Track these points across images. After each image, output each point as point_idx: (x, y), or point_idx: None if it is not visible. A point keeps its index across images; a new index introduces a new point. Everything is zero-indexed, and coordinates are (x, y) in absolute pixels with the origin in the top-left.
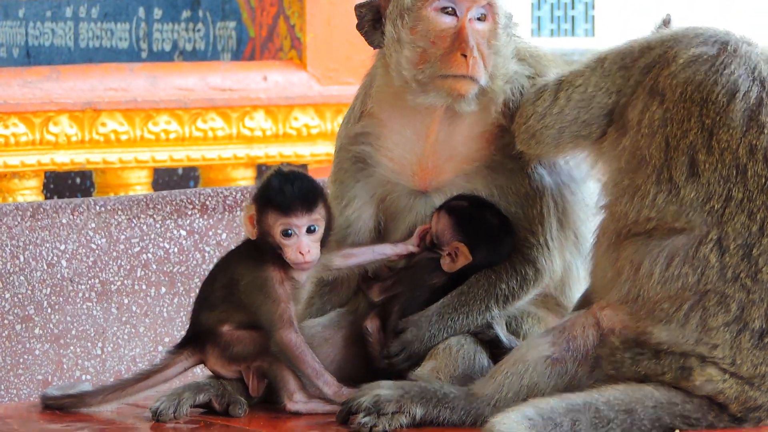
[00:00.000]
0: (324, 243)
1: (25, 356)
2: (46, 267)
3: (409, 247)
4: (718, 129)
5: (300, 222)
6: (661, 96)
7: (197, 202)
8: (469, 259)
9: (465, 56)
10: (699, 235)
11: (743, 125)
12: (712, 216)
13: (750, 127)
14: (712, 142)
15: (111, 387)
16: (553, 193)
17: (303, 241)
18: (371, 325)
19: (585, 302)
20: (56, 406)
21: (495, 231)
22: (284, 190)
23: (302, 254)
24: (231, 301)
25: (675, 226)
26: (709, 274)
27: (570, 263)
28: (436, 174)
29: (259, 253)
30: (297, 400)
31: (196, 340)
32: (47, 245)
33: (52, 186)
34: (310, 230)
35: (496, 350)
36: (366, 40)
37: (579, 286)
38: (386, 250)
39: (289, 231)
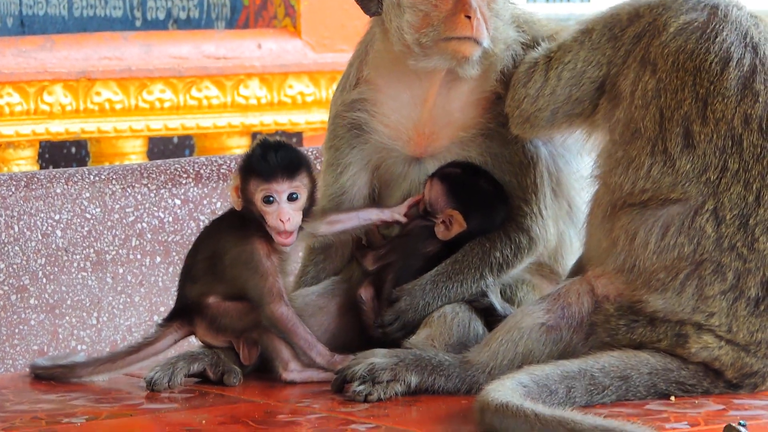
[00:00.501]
0: (307, 213)
1: (21, 326)
2: (40, 237)
3: (396, 215)
4: (712, 98)
5: (281, 188)
6: (653, 66)
7: (192, 170)
8: (463, 226)
9: (469, 17)
10: (695, 205)
11: (738, 94)
12: (708, 186)
13: (744, 95)
14: (707, 112)
15: (102, 359)
16: (547, 163)
17: (283, 208)
18: (365, 293)
19: (579, 270)
20: (46, 376)
21: (489, 198)
22: (267, 158)
23: (282, 221)
24: (213, 273)
25: (670, 197)
26: (705, 244)
27: (563, 232)
28: (432, 140)
29: (244, 226)
30: (292, 369)
31: (184, 312)
32: (42, 215)
33: (47, 156)
34: (291, 198)
35: (490, 318)
36: (361, 7)
37: (573, 255)
38: (372, 215)
39: (270, 197)
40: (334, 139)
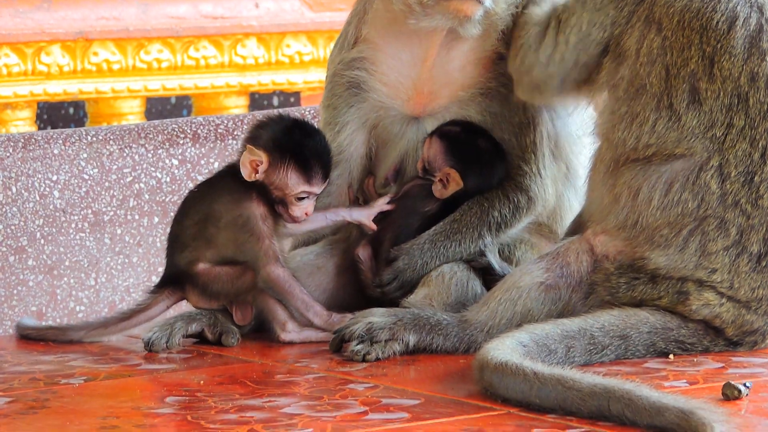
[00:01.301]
0: None
1: (19, 288)
2: (38, 198)
3: (363, 219)
4: (719, 57)
5: (318, 190)
6: (657, 24)
7: (189, 131)
8: (460, 185)
9: None
10: (699, 161)
11: (744, 52)
12: (713, 143)
13: (751, 54)
14: (714, 70)
15: (94, 323)
16: (546, 124)
17: (312, 204)
18: (363, 253)
19: (577, 228)
20: (36, 337)
21: (487, 157)
22: (311, 155)
23: (306, 215)
24: (203, 238)
25: (675, 152)
26: (710, 200)
27: (562, 194)
28: (430, 99)
29: (240, 188)
30: (290, 330)
31: (175, 279)
32: (39, 176)
33: (44, 117)
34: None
35: (488, 277)
36: None
37: (571, 216)
38: (339, 216)
39: (307, 196)
40: (332, 98)
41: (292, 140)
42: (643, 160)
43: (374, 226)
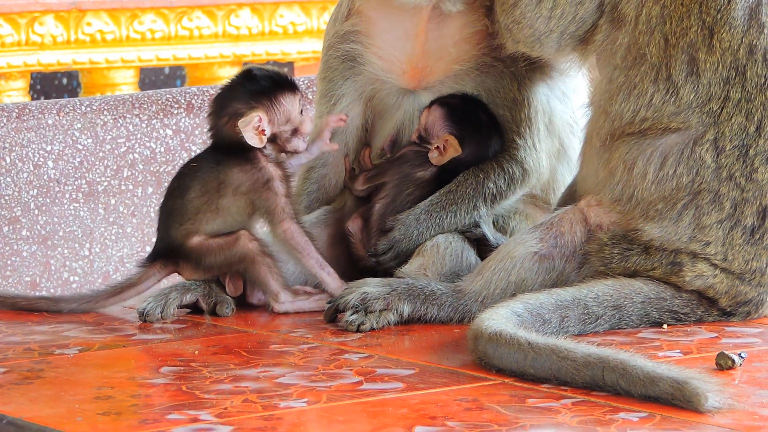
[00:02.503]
0: None
1: (13, 258)
2: (32, 168)
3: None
4: (719, 27)
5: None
6: None
7: (183, 101)
8: (458, 151)
9: None
10: (694, 135)
11: (744, 24)
12: (709, 116)
13: (750, 26)
14: (713, 40)
15: (86, 296)
16: (541, 100)
17: (307, 120)
18: (353, 225)
19: (570, 199)
20: (28, 307)
21: (486, 127)
22: (278, 76)
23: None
24: (211, 210)
25: (670, 126)
26: (704, 174)
27: (555, 168)
28: (426, 74)
29: (251, 157)
30: (283, 300)
31: (167, 253)
32: (33, 146)
33: (38, 87)
34: None
35: (483, 248)
36: None
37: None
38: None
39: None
40: (328, 71)
41: (259, 83)
42: (638, 133)
43: (335, 147)
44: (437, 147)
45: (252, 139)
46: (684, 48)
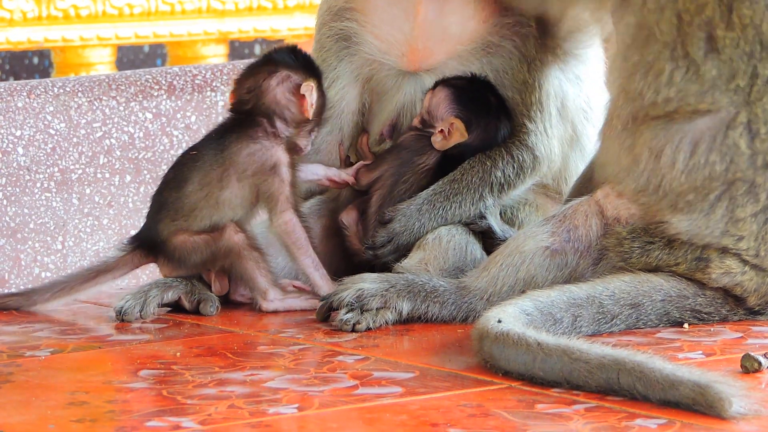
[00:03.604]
0: None
1: None
2: (0, 155)
3: (343, 175)
4: (738, 4)
5: None
6: None
7: (164, 82)
8: (464, 136)
9: None
10: (726, 117)
11: None
12: (738, 95)
13: None
14: (732, 17)
15: (58, 283)
16: (553, 83)
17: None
18: (347, 218)
19: (584, 188)
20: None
21: (494, 110)
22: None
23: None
24: (207, 206)
25: (699, 108)
26: (739, 162)
27: (568, 156)
28: (426, 56)
29: (256, 139)
30: (272, 299)
31: (150, 245)
32: (2, 131)
33: (7, 67)
34: None
35: (488, 241)
36: None
37: None
38: (318, 171)
39: None
40: (321, 51)
41: (309, 59)
42: (665, 117)
43: (353, 179)
44: (441, 131)
45: (307, 110)
46: (700, 25)
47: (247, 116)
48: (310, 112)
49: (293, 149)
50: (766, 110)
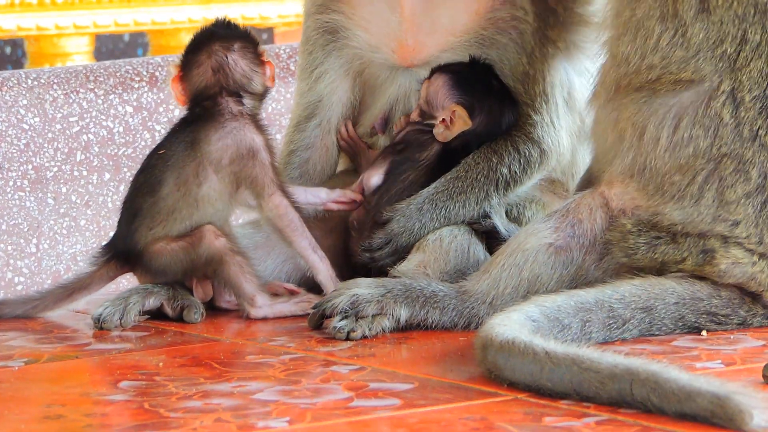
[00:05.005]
0: None
1: None
2: None
3: (348, 193)
4: None
5: None
6: None
7: (145, 73)
8: (468, 123)
9: None
10: (709, 87)
11: None
12: (723, 62)
13: None
14: None
15: (30, 299)
16: (559, 73)
17: None
18: (355, 214)
19: (589, 182)
20: None
21: (498, 95)
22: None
23: None
24: (186, 206)
25: (681, 77)
26: (723, 134)
27: (576, 149)
28: (418, 50)
29: (228, 121)
30: (260, 305)
31: (125, 255)
32: None
33: None
34: None
35: (493, 242)
36: None
37: None
38: (321, 194)
39: None
40: (307, 43)
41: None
42: (648, 88)
43: (359, 197)
44: (443, 120)
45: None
46: None
47: (208, 101)
48: (272, 81)
49: (258, 125)
50: (752, 77)
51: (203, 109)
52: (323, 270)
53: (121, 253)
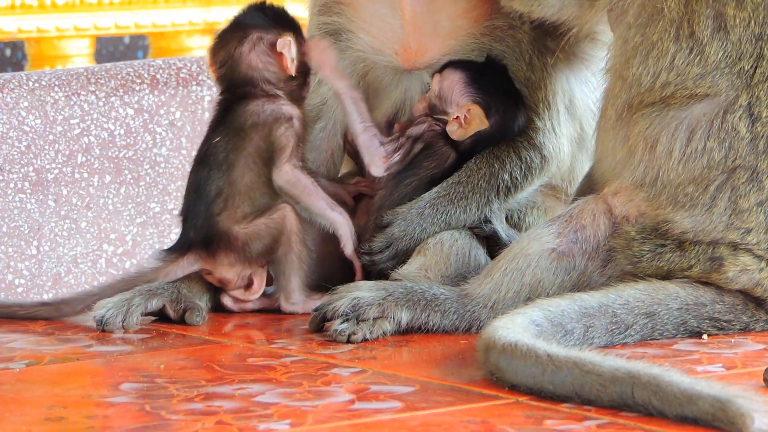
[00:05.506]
0: None
1: None
2: None
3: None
4: None
5: None
6: None
7: (146, 75)
8: (484, 123)
9: None
10: (725, 101)
11: None
12: (740, 78)
13: None
14: None
15: (89, 294)
16: (560, 80)
17: None
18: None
19: (589, 187)
20: (25, 317)
21: (512, 95)
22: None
23: None
24: (259, 185)
25: (696, 92)
26: (738, 147)
27: (576, 157)
28: (421, 53)
29: (268, 98)
30: (295, 301)
31: (206, 244)
32: None
33: None
34: None
35: (493, 246)
36: None
37: None
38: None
39: None
40: None
41: (280, 11)
42: (660, 103)
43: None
44: (457, 118)
45: (287, 67)
46: (709, 3)
47: (236, 92)
48: (291, 69)
49: (295, 100)
50: None
51: (233, 101)
52: (344, 224)
53: (201, 242)
